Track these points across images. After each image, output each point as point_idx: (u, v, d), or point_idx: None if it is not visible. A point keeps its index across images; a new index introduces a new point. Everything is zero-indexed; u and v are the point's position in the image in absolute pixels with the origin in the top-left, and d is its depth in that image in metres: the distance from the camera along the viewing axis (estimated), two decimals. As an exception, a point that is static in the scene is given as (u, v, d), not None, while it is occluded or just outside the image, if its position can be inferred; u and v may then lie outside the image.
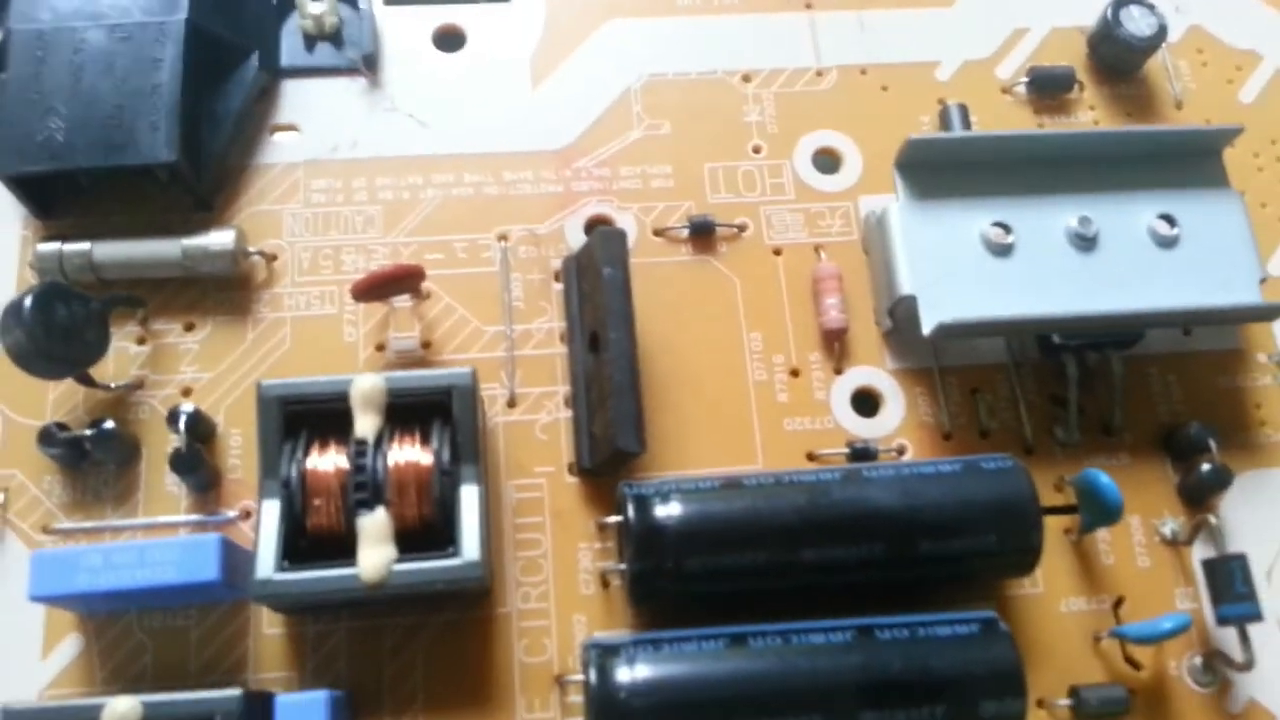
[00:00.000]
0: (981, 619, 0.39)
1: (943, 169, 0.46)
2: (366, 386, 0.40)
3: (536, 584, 0.43)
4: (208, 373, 0.45)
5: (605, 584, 0.43)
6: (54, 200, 0.47)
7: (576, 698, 0.41)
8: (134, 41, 0.46)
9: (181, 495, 0.44)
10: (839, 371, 0.47)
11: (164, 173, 0.46)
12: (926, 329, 0.43)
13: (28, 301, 0.40)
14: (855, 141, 0.51)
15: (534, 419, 0.45)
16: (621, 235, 0.44)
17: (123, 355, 0.45)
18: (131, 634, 0.42)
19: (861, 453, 0.44)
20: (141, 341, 0.46)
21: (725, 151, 0.50)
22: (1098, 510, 0.42)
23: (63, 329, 0.41)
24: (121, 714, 0.36)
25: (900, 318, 0.46)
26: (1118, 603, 0.44)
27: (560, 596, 0.43)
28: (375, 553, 0.38)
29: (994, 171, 0.46)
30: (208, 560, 0.38)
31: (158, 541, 0.39)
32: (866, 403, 0.46)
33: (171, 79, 0.45)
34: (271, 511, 0.39)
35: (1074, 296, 0.45)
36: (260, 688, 0.40)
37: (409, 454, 0.40)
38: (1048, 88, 0.52)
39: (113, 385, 0.44)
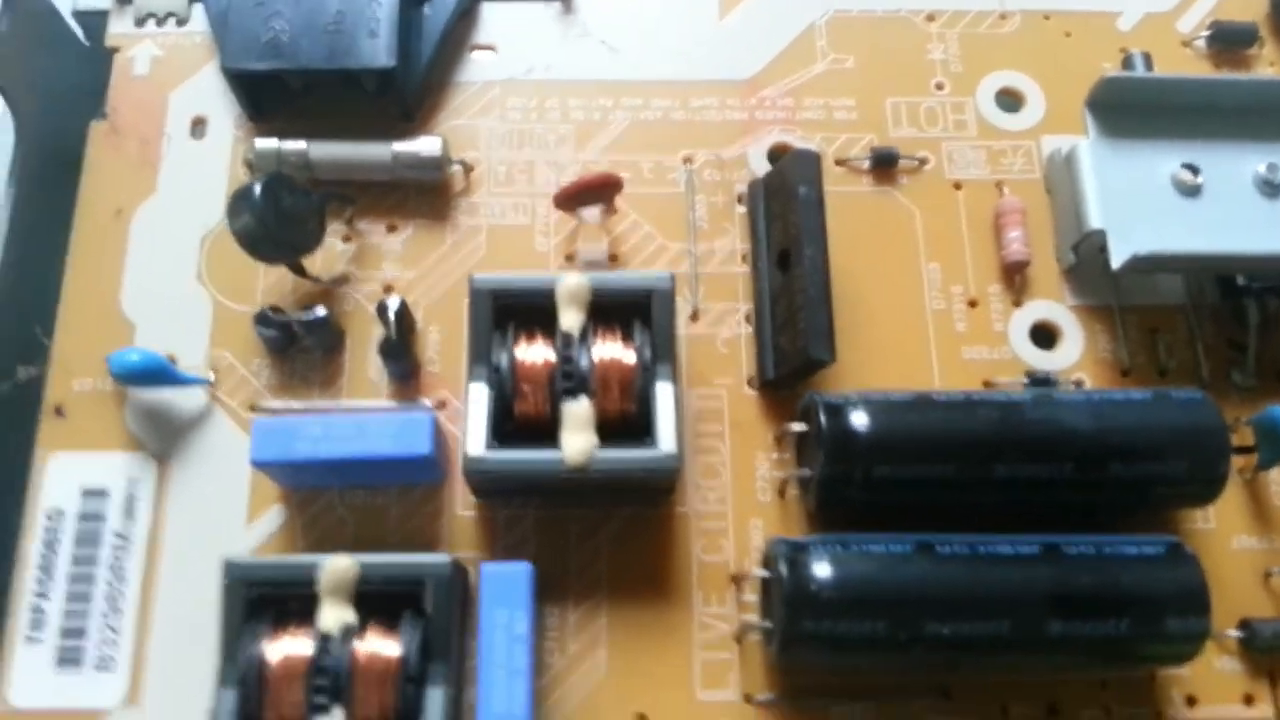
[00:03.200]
0: (1167, 542, 0.39)
1: (1133, 110, 0.47)
2: (572, 284, 0.42)
3: (715, 487, 0.44)
4: (409, 272, 0.47)
5: (782, 492, 0.44)
6: (265, 101, 0.49)
7: (752, 596, 0.42)
8: (348, -47, 0.48)
9: (382, 384, 0.45)
10: (1018, 304, 0.47)
11: (373, 81, 0.48)
12: (1117, 262, 0.44)
13: (257, 188, 0.42)
14: (1038, 83, 0.51)
15: (715, 332, 0.47)
16: (816, 156, 0.45)
17: (330, 252, 0.47)
18: (333, 509, 0.44)
19: (1041, 381, 0.45)
20: (347, 240, 0.48)
21: (908, 87, 0.51)
22: (1276, 447, 0.42)
23: (287, 216, 0.43)
24: (341, 569, 0.38)
25: (1085, 254, 0.46)
26: (1293, 544, 0.44)
27: (737, 501, 0.44)
28: (579, 438, 0.40)
29: (1184, 115, 0.47)
30: (421, 435, 0.40)
31: (375, 415, 0.41)
32: (1045, 336, 0.47)
33: (390, -12, 0.47)
34: (481, 395, 0.41)
35: (1260, 239, 0.45)
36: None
37: (612, 350, 0.41)
38: (1229, 42, 0.52)
39: (322, 278, 0.46)
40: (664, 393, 0.41)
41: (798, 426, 0.42)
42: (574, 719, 0.41)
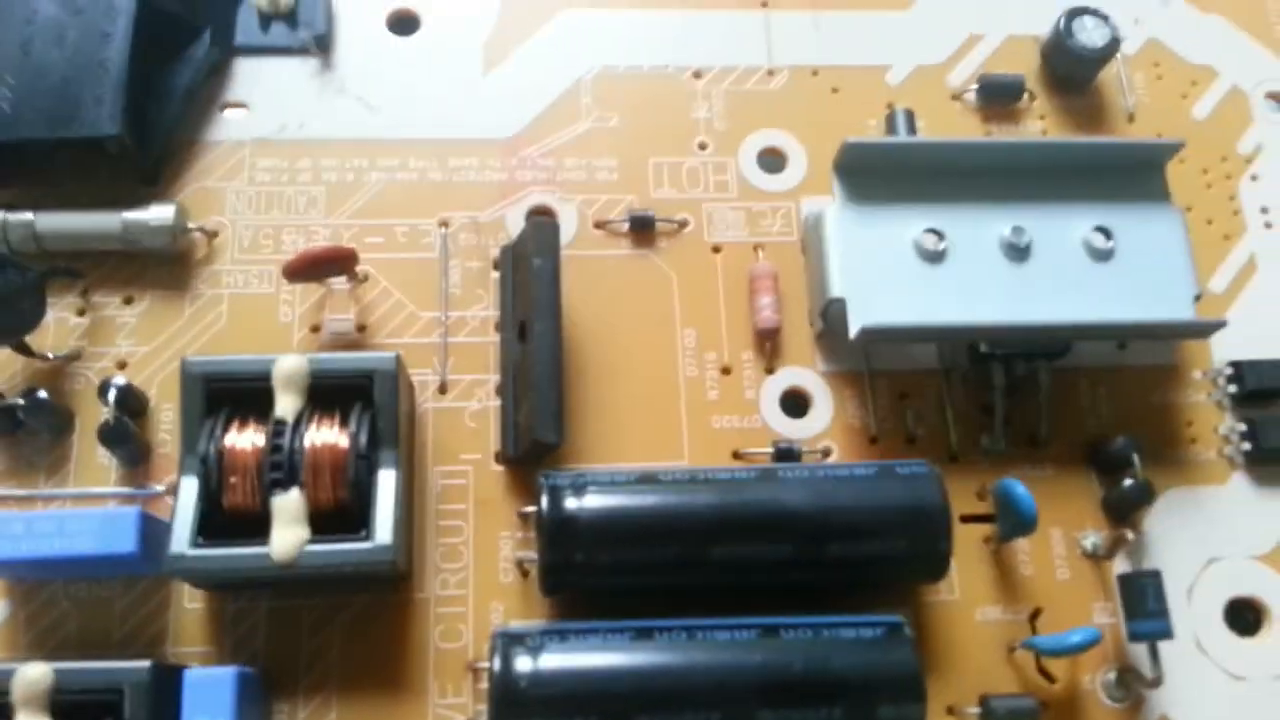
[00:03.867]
0: (887, 622, 0.39)
1: (880, 173, 0.46)
2: (289, 367, 0.41)
3: (456, 570, 0.43)
4: (144, 346, 0.46)
5: (524, 573, 0.43)
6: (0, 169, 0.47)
7: (486, 685, 0.41)
8: (86, 14, 0.47)
9: (112, 468, 0.44)
10: (770, 371, 0.47)
11: (111, 146, 0.46)
12: (853, 332, 0.44)
13: (-39, 270, 0.40)
14: (801, 142, 0.51)
15: (464, 406, 0.46)
16: (553, 226, 0.44)
17: (62, 326, 0.46)
18: (57, 602, 0.42)
19: (785, 453, 0.44)
20: (81, 313, 0.46)
21: (671, 147, 0.51)
22: (1013, 520, 0.42)
23: (4, 295, 0.41)
24: (32, 680, 0.36)
25: (831, 320, 0.46)
26: (1034, 614, 0.44)
27: (479, 584, 0.43)
28: (288, 532, 0.39)
29: (931, 178, 0.47)
30: (126, 532, 0.39)
31: (78, 512, 0.40)
32: (796, 404, 0.47)
33: (120, 53, 0.46)
34: (189, 487, 0.39)
35: (1004, 306, 0.45)
36: (179, 661, 0.41)
37: (326, 435, 0.40)
38: (997, 96, 0.52)
39: (50, 355, 0.44)
40: (385, 480, 0.40)
41: (530, 509, 0.41)
42: (299, 820, 0.40)
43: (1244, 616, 0.45)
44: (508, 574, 0.43)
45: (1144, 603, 0.42)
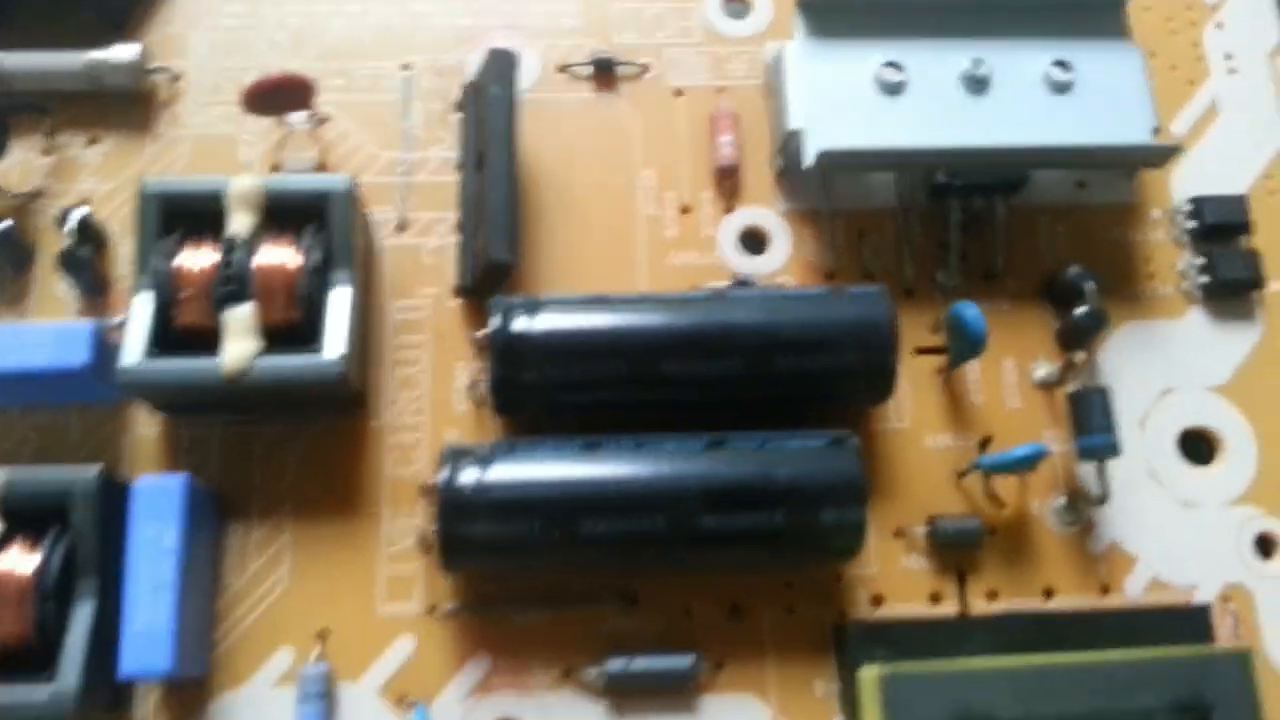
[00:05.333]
0: (833, 435, 0.39)
1: (841, 9, 0.46)
2: (244, 186, 0.41)
3: (412, 400, 0.44)
4: (107, 184, 0.46)
5: (480, 403, 0.43)
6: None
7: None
8: None
9: (72, 300, 0.44)
10: (729, 210, 0.47)
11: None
12: (808, 158, 0.44)
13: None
14: (766, -12, 0.51)
15: (423, 243, 0.46)
16: (510, 55, 0.44)
17: (27, 166, 0.46)
18: (14, 427, 0.43)
19: (741, 284, 0.44)
20: (46, 153, 0.46)
21: (634, -10, 0.50)
22: (963, 341, 0.42)
23: (-43, 126, 0.41)
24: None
25: (790, 156, 0.46)
26: (985, 441, 0.44)
27: (435, 411, 0.44)
28: (238, 345, 0.39)
29: (891, 13, 0.46)
30: (80, 346, 0.39)
31: (31, 326, 0.40)
32: (754, 241, 0.47)
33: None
34: (142, 303, 0.40)
35: (962, 133, 0.45)
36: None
37: (278, 254, 0.40)
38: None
39: (13, 192, 0.45)
40: (338, 299, 0.40)
41: (482, 332, 0.42)
42: (252, 637, 0.41)
43: (1198, 447, 0.45)
44: (462, 403, 0.44)
45: (1090, 417, 0.42)
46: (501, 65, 0.44)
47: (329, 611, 0.41)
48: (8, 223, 0.43)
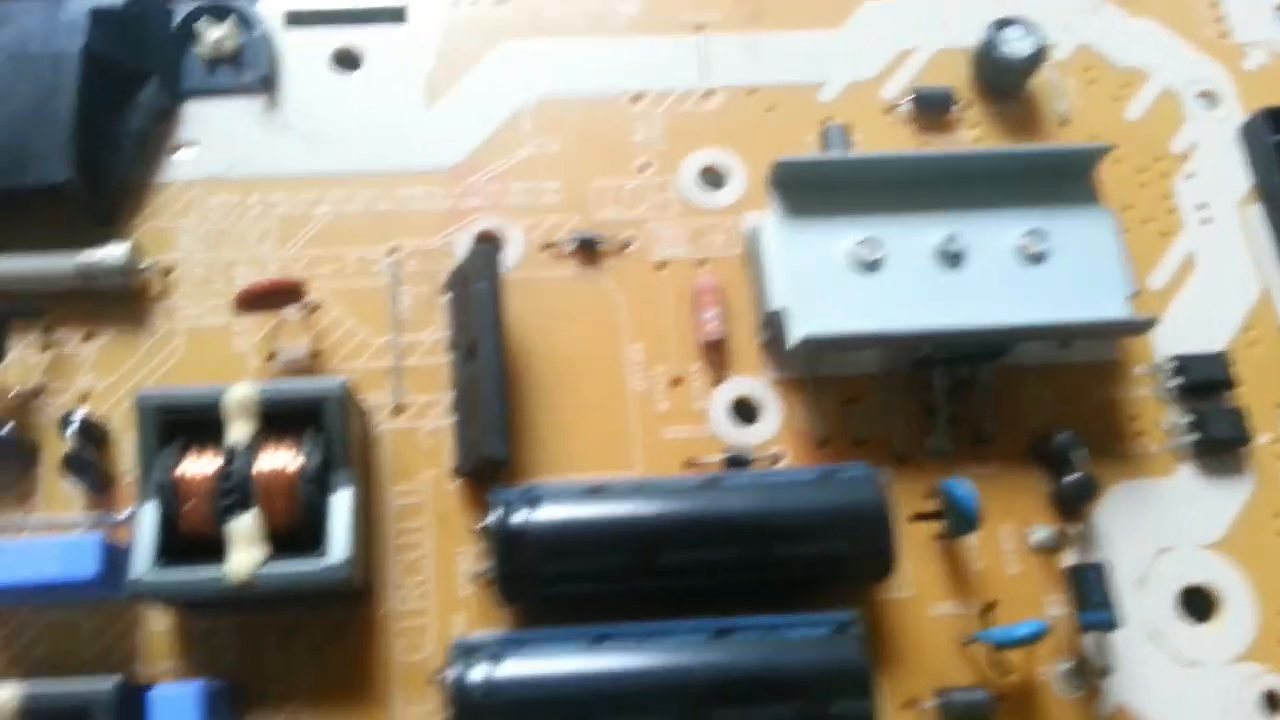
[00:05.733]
0: (836, 620, 0.40)
1: (814, 188, 0.48)
2: (240, 395, 0.42)
3: (417, 585, 0.44)
4: (104, 380, 0.47)
5: (483, 585, 0.44)
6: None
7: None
8: (34, 70, 0.48)
9: (77, 496, 0.45)
10: (718, 381, 0.48)
11: (64, 191, 0.47)
12: (792, 342, 0.45)
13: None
14: (741, 159, 0.52)
15: (419, 426, 0.47)
16: (491, 250, 0.45)
17: (25, 363, 0.46)
18: (27, 626, 0.43)
19: (736, 460, 0.45)
20: (44, 349, 0.47)
21: (613, 168, 0.52)
22: (958, 519, 0.43)
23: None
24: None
25: (774, 330, 0.47)
26: (988, 608, 0.45)
27: (440, 597, 0.44)
28: (244, 553, 0.39)
29: (864, 190, 0.48)
30: (88, 558, 0.40)
31: (41, 540, 0.40)
32: (746, 412, 0.48)
33: (69, 103, 0.47)
34: (148, 513, 0.40)
35: (940, 311, 0.46)
36: (149, 680, 0.41)
37: (277, 460, 0.41)
38: (929, 107, 0.54)
39: (12, 392, 0.45)
40: (340, 500, 0.41)
41: (483, 524, 0.42)
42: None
43: (1198, 604, 0.46)
44: (467, 587, 0.44)
45: (1090, 594, 0.43)
46: (483, 259, 0.45)
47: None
48: (9, 426, 0.44)
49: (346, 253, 0.50)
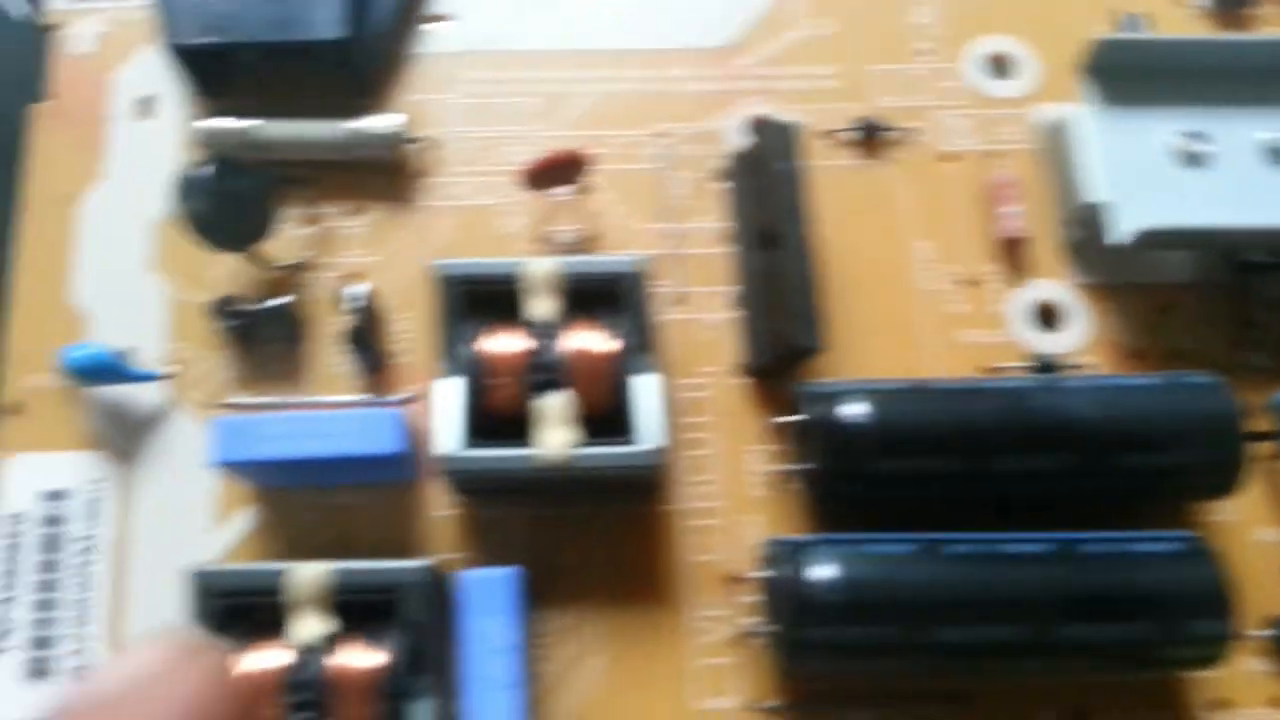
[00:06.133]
0: (1183, 538, 0.37)
1: (1132, 75, 0.44)
2: (543, 269, 0.39)
3: (703, 484, 0.42)
4: (372, 256, 0.45)
5: (777, 488, 0.42)
6: (213, 78, 0.46)
7: (750, 598, 0.40)
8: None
9: (348, 376, 0.43)
10: (1017, 284, 0.45)
11: (328, 55, 0.45)
12: (1125, 237, 0.42)
13: (206, 171, 0.39)
14: (1028, 47, 0.49)
15: (698, 318, 0.44)
16: (792, 128, 0.42)
17: (290, 237, 0.44)
18: (304, 509, 0.41)
19: (1046, 367, 0.42)
20: (309, 223, 0.45)
21: (891, 54, 0.49)
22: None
23: (237, 202, 0.40)
24: (311, 580, 0.35)
25: (1086, 228, 0.44)
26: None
27: (728, 497, 0.42)
28: (557, 434, 0.37)
29: (1184, 79, 0.45)
30: (390, 432, 0.38)
31: (340, 413, 0.38)
32: (1047, 317, 0.45)
33: (343, -44, 0.44)
34: (452, 389, 0.38)
35: (1267, 211, 0.43)
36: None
37: (587, 339, 0.39)
38: (1228, 1, 0.50)
39: (282, 264, 0.43)
40: (646, 384, 0.39)
41: (790, 419, 0.40)
42: (566, 731, 0.39)
43: None
44: (757, 488, 0.42)
45: None
46: (783, 138, 0.42)
47: (643, 706, 0.39)
48: (288, 298, 0.42)
49: (614, 133, 0.47)
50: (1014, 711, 0.39)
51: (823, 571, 0.35)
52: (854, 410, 0.38)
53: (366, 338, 0.41)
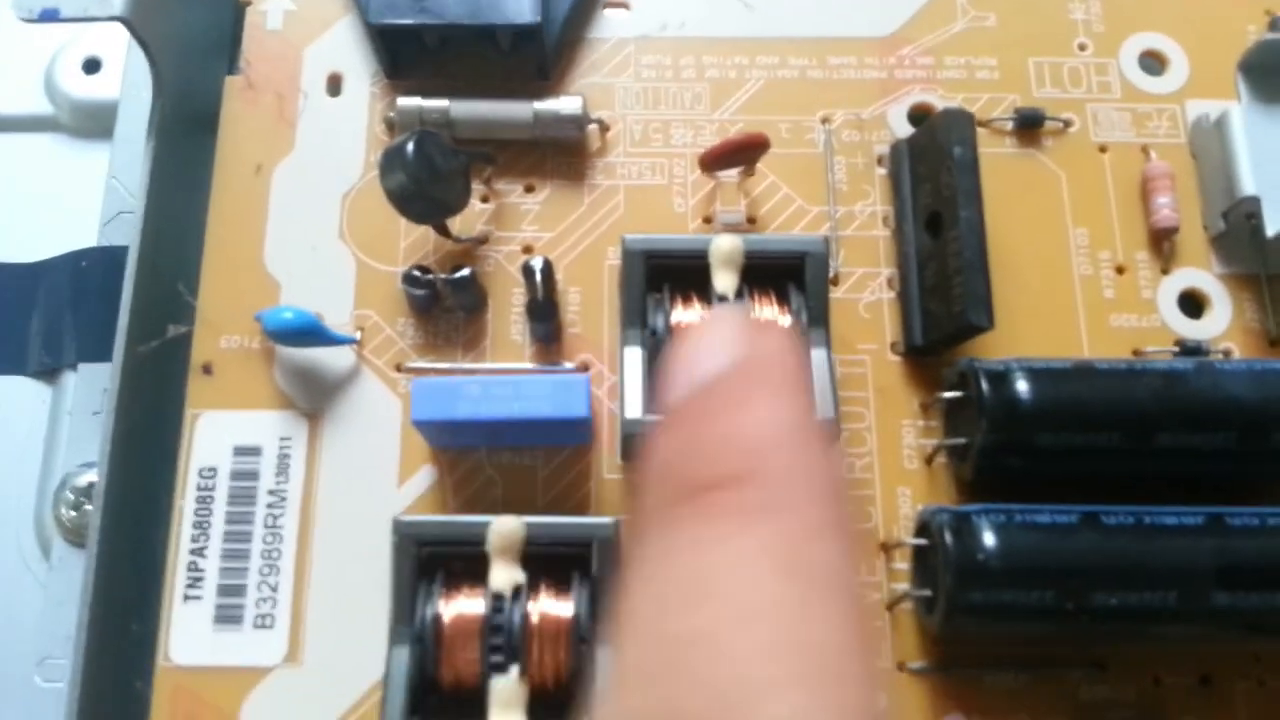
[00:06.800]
0: (1327, 512, 0.39)
1: (1289, 73, 0.46)
2: (726, 246, 0.42)
3: (861, 455, 0.44)
4: (547, 232, 0.47)
5: (929, 460, 0.44)
6: (402, 57, 0.49)
7: (901, 564, 0.42)
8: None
9: (525, 345, 0.45)
10: (1166, 271, 0.47)
11: (509, 39, 0.48)
12: (1272, 230, 0.43)
13: (410, 146, 0.42)
14: (1182, 45, 0.50)
15: (857, 298, 0.46)
16: (969, 116, 0.44)
17: (469, 211, 0.47)
18: (482, 469, 0.44)
19: (1193, 350, 0.44)
20: (486, 199, 0.47)
21: (1050, 47, 0.50)
22: None
23: (439, 175, 0.43)
24: (510, 530, 0.38)
25: (1234, 221, 0.45)
26: None
27: (884, 468, 0.44)
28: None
29: (1340, 80, 0.46)
30: (578, 397, 0.40)
31: (531, 377, 0.41)
32: (1192, 304, 0.46)
33: (528, -50, 0.47)
34: (636, 358, 0.41)
35: None
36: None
37: (769, 314, 0.41)
38: (1380, 2, 0.51)
39: (463, 238, 0.46)
40: (819, 358, 0.41)
41: (952, 394, 0.42)
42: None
43: None
44: (911, 460, 0.44)
45: None
46: (960, 125, 0.44)
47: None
48: (467, 270, 0.44)
49: (779, 118, 0.49)
50: (1145, 676, 0.41)
51: (985, 539, 0.37)
52: (1019, 387, 0.40)
53: (545, 309, 0.44)
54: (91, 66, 0.58)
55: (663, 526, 0.21)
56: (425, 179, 0.42)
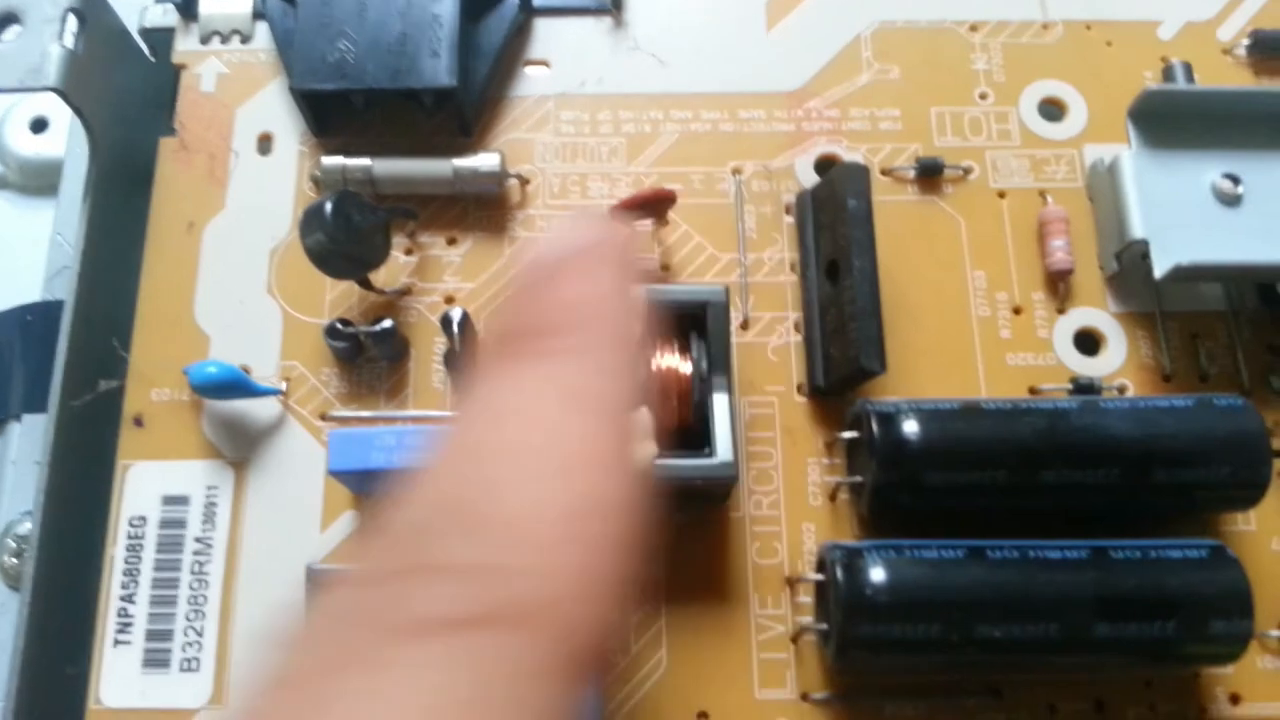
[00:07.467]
0: (1209, 545, 0.41)
1: (1174, 120, 0.48)
2: (631, 297, 0.43)
3: (768, 493, 0.46)
4: (469, 283, 0.49)
5: (832, 497, 0.45)
6: (329, 118, 0.51)
7: (805, 598, 0.44)
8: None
9: (446, 392, 0.47)
10: (1061, 311, 0.49)
11: (432, 99, 0.50)
12: (1159, 271, 0.45)
13: (328, 206, 0.44)
14: (1080, 92, 0.52)
15: (765, 341, 0.48)
16: (864, 170, 0.46)
17: (393, 264, 0.49)
18: (402, 515, 0.45)
19: (1086, 388, 0.46)
20: (409, 252, 0.49)
21: (952, 97, 0.53)
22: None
23: (357, 233, 0.44)
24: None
25: (1127, 262, 0.47)
26: (1330, 546, 0.45)
27: (790, 505, 0.46)
28: (638, 448, 0.41)
29: (1224, 126, 0.48)
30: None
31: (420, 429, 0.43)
32: (1088, 342, 0.48)
33: (450, 11, 0.49)
34: (544, 406, 0.42)
35: (1301, 248, 0.46)
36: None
37: (670, 361, 0.43)
38: (1269, 50, 0.53)
39: (386, 290, 0.48)
40: (720, 403, 0.43)
41: (849, 434, 0.44)
42: (638, 718, 0.43)
43: None
44: (816, 498, 0.46)
45: None
46: (856, 178, 0.46)
47: (707, 695, 0.43)
48: (389, 322, 0.46)
49: (692, 170, 0.51)
50: (1039, 703, 0.43)
51: (872, 575, 0.39)
52: (907, 427, 0.41)
53: (461, 359, 0.45)
54: (39, 126, 0.61)
55: (488, 365, 0.27)
56: (342, 238, 0.44)
